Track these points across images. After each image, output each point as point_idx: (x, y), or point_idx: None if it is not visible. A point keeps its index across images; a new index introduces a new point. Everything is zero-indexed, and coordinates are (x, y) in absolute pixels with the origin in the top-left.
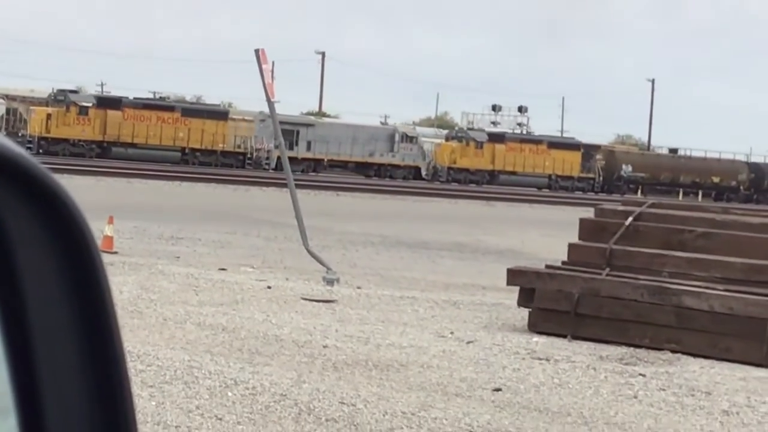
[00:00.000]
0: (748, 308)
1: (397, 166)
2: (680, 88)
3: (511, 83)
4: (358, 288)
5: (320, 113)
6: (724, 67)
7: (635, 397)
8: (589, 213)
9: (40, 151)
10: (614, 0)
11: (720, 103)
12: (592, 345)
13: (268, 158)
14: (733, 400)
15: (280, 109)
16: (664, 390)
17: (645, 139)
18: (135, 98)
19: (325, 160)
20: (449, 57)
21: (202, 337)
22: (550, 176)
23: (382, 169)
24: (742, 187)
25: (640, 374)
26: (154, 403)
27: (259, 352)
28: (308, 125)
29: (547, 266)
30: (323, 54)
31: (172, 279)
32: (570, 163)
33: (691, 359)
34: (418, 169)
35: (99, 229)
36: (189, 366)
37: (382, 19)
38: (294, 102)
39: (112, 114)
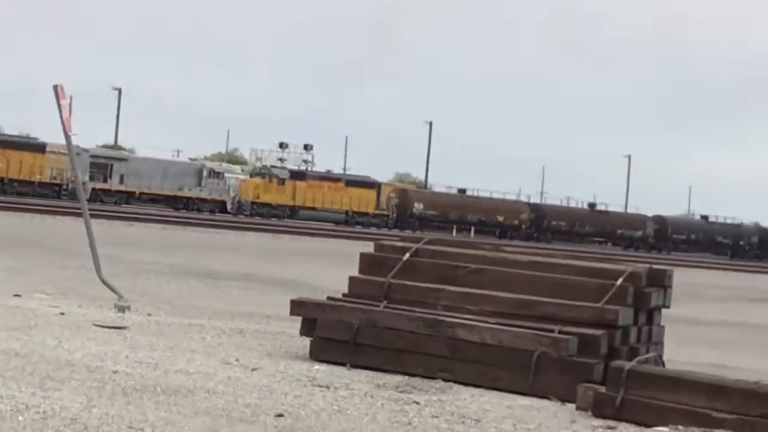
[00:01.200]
0: (516, 340)
1: (204, 200)
2: (455, 130)
3: (299, 123)
4: (149, 315)
5: (116, 146)
6: (497, 114)
7: (410, 423)
8: (370, 247)
9: None
10: (400, 46)
11: (492, 146)
12: (370, 373)
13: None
14: (501, 427)
15: (84, 143)
16: (437, 417)
17: (422, 177)
18: None
19: (137, 192)
20: (240, 96)
21: None
22: (347, 212)
23: (191, 202)
24: (524, 226)
25: (415, 402)
26: None
27: (50, 377)
28: (121, 159)
29: (329, 298)
30: (119, 90)
31: None
32: (366, 200)
33: (462, 388)
34: (224, 202)
35: None
36: None
37: (176, 58)
38: (90, 135)
39: None
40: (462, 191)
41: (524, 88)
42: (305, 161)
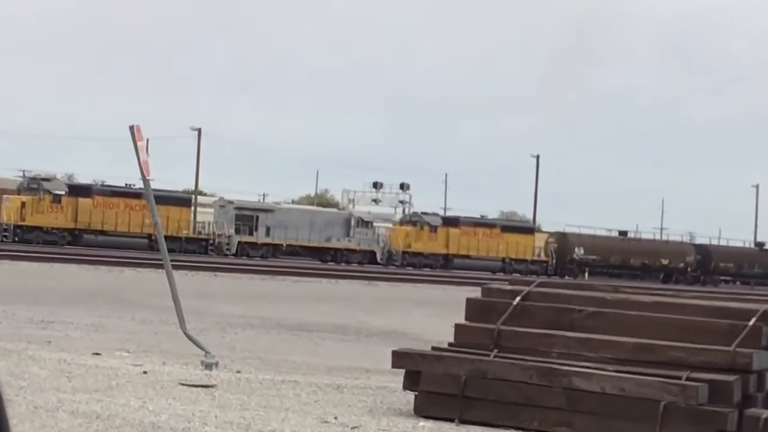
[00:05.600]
0: (640, 389)
1: (353, 251)
2: (563, 164)
3: (392, 160)
4: (238, 372)
5: (196, 191)
6: (605, 147)
7: None
8: (476, 292)
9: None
10: (497, 80)
11: (600, 180)
12: (480, 429)
13: (228, 243)
14: None
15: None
16: None
17: (529, 215)
18: (104, 185)
19: (284, 245)
20: (328, 134)
21: (75, 425)
22: (503, 259)
23: (339, 254)
24: (689, 269)
25: None
26: None
27: None
28: (267, 211)
29: (433, 348)
30: (199, 130)
31: (43, 365)
32: (524, 246)
33: None
34: (373, 253)
35: None
36: None
37: (259, 97)
38: (170, 179)
39: (83, 201)
40: (623, 233)
41: (637, 116)
42: (402, 201)
